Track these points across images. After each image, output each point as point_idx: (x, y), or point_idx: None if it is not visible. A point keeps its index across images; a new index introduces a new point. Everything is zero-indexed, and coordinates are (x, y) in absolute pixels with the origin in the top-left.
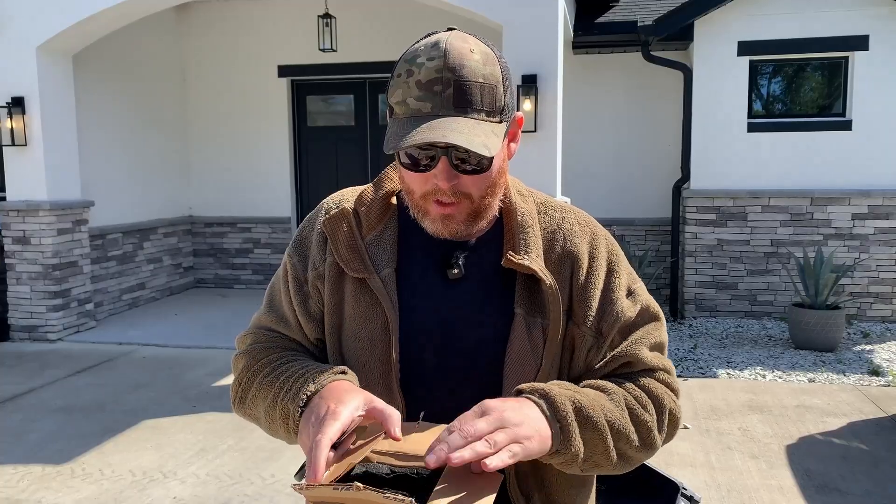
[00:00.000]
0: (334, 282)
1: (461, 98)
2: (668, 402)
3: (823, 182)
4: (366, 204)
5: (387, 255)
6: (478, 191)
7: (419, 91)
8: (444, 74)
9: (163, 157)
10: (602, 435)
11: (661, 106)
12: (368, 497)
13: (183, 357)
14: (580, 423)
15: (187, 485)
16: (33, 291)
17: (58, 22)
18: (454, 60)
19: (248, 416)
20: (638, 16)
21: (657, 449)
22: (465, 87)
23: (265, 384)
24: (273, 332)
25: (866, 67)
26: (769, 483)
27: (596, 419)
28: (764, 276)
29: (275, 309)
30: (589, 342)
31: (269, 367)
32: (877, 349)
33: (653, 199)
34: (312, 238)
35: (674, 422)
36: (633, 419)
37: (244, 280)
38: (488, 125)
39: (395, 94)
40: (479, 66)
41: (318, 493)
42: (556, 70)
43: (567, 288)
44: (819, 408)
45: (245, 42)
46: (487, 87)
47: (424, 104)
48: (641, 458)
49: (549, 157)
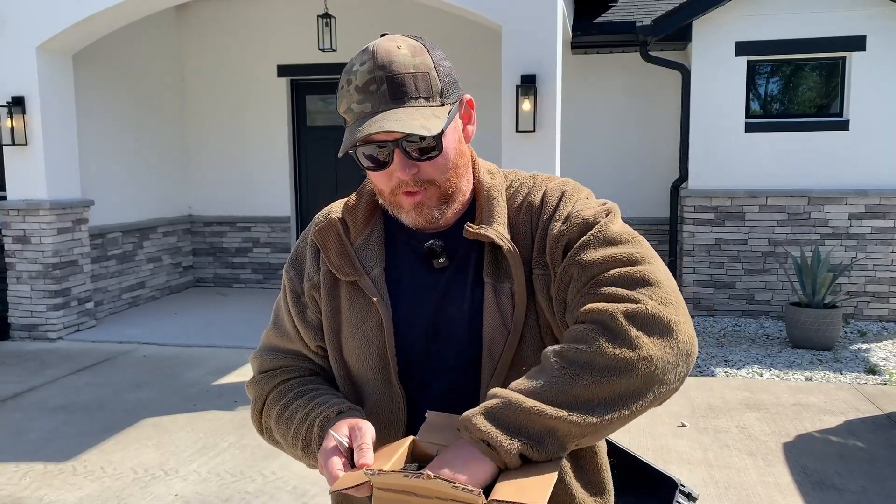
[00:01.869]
0: (329, 289)
1: (396, 91)
2: (612, 310)
3: (821, 182)
4: (351, 211)
5: (375, 255)
6: (439, 174)
7: (359, 95)
8: (375, 73)
9: (162, 157)
10: (539, 410)
11: (660, 106)
12: (437, 486)
13: (183, 356)
14: (509, 426)
15: (189, 482)
16: (33, 290)
17: (58, 22)
18: (382, 59)
19: (274, 445)
20: (636, 16)
21: (639, 356)
22: (397, 80)
23: (283, 421)
24: (275, 352)
25: (864, 68)
26: (766, 480)
27: (518, 409)
28: (761, 276)
29: (278, 324)
30: (546, 279)
31: (284, 407)
32: (873, 348)
33: (651, 199)
34: (306, 251)
35: (644, 320)
36: (572, 364)
37: (243, 279)
38: (428, 109)
39: (341, 104)
40: (408, 57)
41: (387, 479)
42: (555, 70)
43: (530, 242)
44: (816, 406)
45: (244, 42)
46: (420, 75)
47: (365, 105)
48: (626, 380)
49: (548, 157)
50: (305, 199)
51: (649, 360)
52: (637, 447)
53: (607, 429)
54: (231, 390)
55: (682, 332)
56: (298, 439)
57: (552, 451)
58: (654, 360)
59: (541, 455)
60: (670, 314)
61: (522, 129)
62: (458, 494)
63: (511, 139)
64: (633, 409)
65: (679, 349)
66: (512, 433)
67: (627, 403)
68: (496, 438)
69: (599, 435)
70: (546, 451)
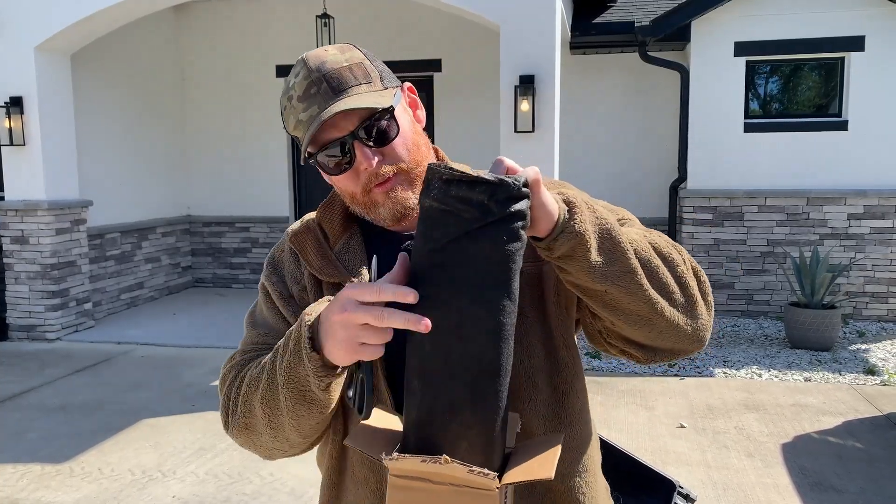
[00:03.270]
0: (314, 294)
1: (336, 85)
2: (683, 252)
3: (819, 182)
4: (327, 218)
5: (358, 258)
6: (404, 153)
7: (302, 104)
8: (312, 76)
9: (161, 157)
10: (618, 241)
11: (658, 106)
12: (454, 471)
13: (181, 356)
14: (594, 223)
15: (186, 483)
16: (32, 291)
17: (56, 22)
18: (314, 63)
19: (242, 427)
20: (635, 16)
21: (692, 294)
22: (333, 75)
23: (254, 376)
24: (260, 345)
25: (862, 68)
26: (765, 481)
27: (612, 227)
28: (760, 276)
29: (260, 325)
30: (537, 274)
31: (255, 364)
32: (872, 348)
33: (650, 199)
34: (284, 257)
35: (698, 271)
36: (655, 250)
37: (242, 279)
38: (373, 92)
39: (288, 123)
40: (338, 55)
41: (404, 464)
42: (554, 70)
43: None
44: (815, 407)
45: (243, 42)
46: (354, 66)
47: (312, 109)
48: (677, 300)
49: (546, 157)
50: (304, 199)
51: (705, 325)
52: (635, 448)
53: (625, 292)
54: None
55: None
56: (279, 355)
57: (584, 261)
58: (706, 325)
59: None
60: None
61: (521, 130)
62: (473, 479)
63: (509, 139)
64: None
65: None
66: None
67: (660, 319)
68: (580, 212)
69: (617, 281)
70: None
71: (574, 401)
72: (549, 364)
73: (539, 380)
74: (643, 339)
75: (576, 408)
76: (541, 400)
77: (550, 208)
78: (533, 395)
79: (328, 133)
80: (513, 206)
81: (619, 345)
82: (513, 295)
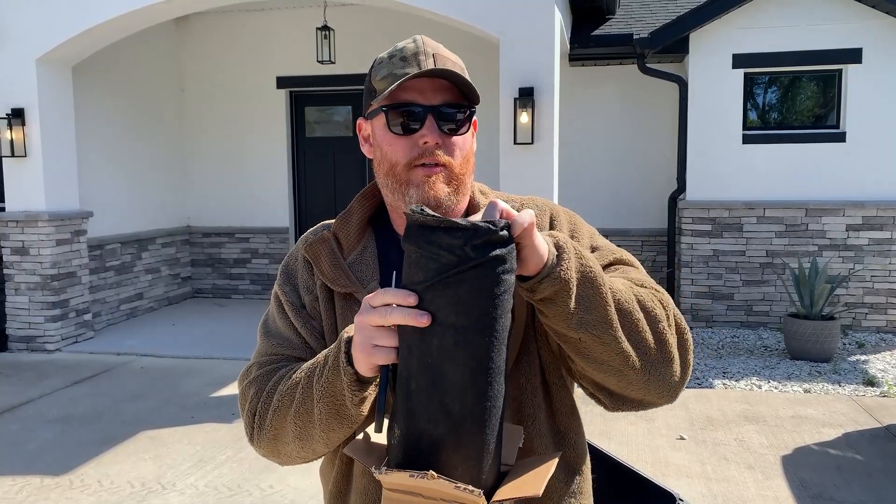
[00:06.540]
0: (326, 303)
1: (441, 64)
2: (669, 308)
3: (818, 193)
4: (343, 228)
5: (370, 270)
6: (458, 156)
7: (403, 62)
8: (425, 49)
9: (161, 168)
10: (600, 292)
11: (657, 118)
12: (441, 486)
13: (181, 367)
14: (579, 271)
15: (186, 496)
16: (32, 302)
17: (58, 34)
18: (430, 44)
19: (271, 439)
20: (634, 28)
21: (670, 352)
22: (443, 56)
23: (285, 392)
24: (276, 357)
25: (860, 80)
26: (765, 493)
27: (596, 276)
28: (759, 287)
29: (274, 336)
30: None
31: (287, 378)
32: (872, 359)
33: (649, 210)
34: (298, 266)
35: (682, 330)
36: (639, 303)
37: (242, 290)
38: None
39: (379, 73)
40: (451, 53)
41: (394, 479)
42: (553, 82)
43: None
44: (814, 418)
45: (244, 54)
46: (459, 68)
47: (412, 69)
48: (652, 356)
49: (545, 169)
50: (304, 210)
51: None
52: (635, 460)
53: (597, 341)
54: (229, 402)
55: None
56: (317, 370)
57: (564, 307)
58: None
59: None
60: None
61: (520, 142)
62: (460, 495)
63: (509, 151)
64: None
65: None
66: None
67: (631, 368)
68: (567, 258)
69: (590, 329)
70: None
71: (569, 420)
72: (546, 385)
73: (538, 399)
74: (613, 386)
75: (571, 427)
76: (542, 418)
77: (541, 251)
78: (536, 414)
79: (411, 95)
80: (492, 252)
81: (590, 387)
82: (498, 336)
